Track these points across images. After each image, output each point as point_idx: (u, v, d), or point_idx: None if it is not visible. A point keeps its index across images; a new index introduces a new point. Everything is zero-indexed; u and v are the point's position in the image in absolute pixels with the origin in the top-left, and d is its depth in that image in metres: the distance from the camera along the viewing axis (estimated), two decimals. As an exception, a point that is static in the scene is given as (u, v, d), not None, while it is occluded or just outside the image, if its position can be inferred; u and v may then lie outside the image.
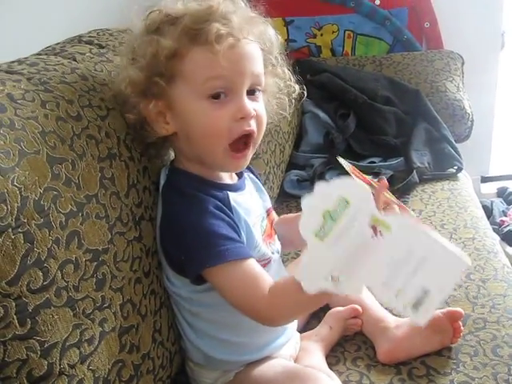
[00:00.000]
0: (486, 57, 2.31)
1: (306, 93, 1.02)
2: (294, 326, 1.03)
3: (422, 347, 1.02)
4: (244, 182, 0.98)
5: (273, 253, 0.96)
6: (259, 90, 0.89)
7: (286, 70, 0.97)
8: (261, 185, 1.06)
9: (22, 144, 0.69)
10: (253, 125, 0.87)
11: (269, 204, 1.04)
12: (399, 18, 2.25)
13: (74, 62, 0.93)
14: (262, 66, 0.89)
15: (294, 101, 1.01)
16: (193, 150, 0.89)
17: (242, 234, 0.88)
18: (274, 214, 1.05)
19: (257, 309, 0.83)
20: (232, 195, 0.91)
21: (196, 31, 0.83)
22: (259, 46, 0.89)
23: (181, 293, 0.92)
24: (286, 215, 1.11)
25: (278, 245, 1.01)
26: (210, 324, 0.93)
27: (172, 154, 1.02)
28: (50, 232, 0.68)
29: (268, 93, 0.95)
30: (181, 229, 0.86)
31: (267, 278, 0.84)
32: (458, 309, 1.04)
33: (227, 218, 0.86)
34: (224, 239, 0.83)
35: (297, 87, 0.99)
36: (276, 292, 0.81)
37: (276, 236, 1.02)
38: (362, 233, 0.69)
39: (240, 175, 0.99)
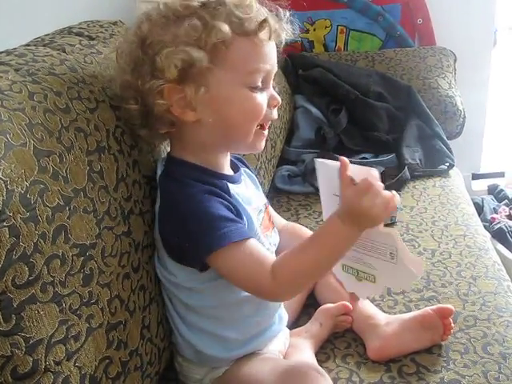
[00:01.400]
0: (478, 54, 2.31)
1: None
2: (281, 320, 1.03)
3: (412, 344, 1.02)
4: (240, 177, 0.98)
5: (270, 245, 0.96)
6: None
7: None
8: (257, 180, 1.06)
9: (8, 136, 0.67)
10: (276, 113, 0.93)
11: (265, 199, 1.04)
12: (392, 14, 2.25)
13: (63, 54, 0.91)
14: None
15: None
16: (221, 133, 0.89)
17: (244, 218, 0.89)
18: (270, 210, 1.06)
19: (262, 285, 0.83)
20: (231, 186, 0.91)
21: (243, 20, 0.84)
22: None
23: (179, 283, 0.91)
24: (297, 230, 1.17)
25: (275, 238, 1.01)
26: (201, 317, 0.93)
27: (163, 148, 1.01)
28: (36, 226, 0.67)
29: None
30: (182, 217, 0.86)
31: (270, 256, 0.86)
32: (449, 305, 1.04)
33: (226, 202, 0.86)
34: (225, 221, 0.83)
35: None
36: (279, 262, 0.83)
37: (274, 229, 1.02)
38: None
39: (236, 169, 0.98)
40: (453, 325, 1.03)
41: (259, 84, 0.87)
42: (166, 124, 0.89)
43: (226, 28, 0.82)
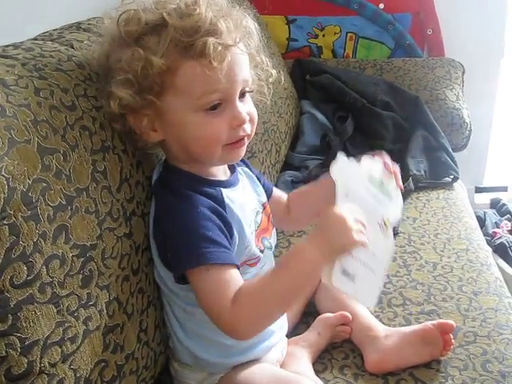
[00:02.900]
0: (486, 67, 2.30)
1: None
2: (282, 329, 1.02)
3: (411, 358, 1.01)
4: (237, 177, 0.97)
5: (262, 251, 0.94)
6: (248, 91, 0.89)
7: (263, 57, 0.94)
8: (256, 179, 1.03)
9: (12, 132, 0.66)
10: (247, 129, 0.87)
11: (264, 199, 1.02)
12: (402, 23, 2.24)
13: (71, 50, 0.90)
14: (249, 68, 0.88)
15: (271, 86, 0.99)
16: (186, 153, 0.88)
17: (235, 232, 0.87)
18: (269, 209, 1.04)
19: (220, 312, 0.81)
20: (225, 192, 0.90)
21: (186, 43, 0.80)
22: (244, 45, 0.87)
23: (172, 288, 0.90)
24: (299, 188, 1.13)
25: (274, 239, 0.99)
26: (200, 323, 0.91)
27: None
28: (36, 225, 0.66)
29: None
30: (168, 227, 0.85)
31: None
32: (450, 321, 1.03)
33: (217, 221, 0.84)
34: (209, 242, 0.81)
35: (274, 72, 0.97)
36: (240, 290, 0.81)
37: (274, 230, 1.00)
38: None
39: (233, 170, 0.97)
40: (453, 340, 1.02)
41: (215, 105, 0.83)
42: (140, 140, 0.89)
43: (158, 61, 0.79)
